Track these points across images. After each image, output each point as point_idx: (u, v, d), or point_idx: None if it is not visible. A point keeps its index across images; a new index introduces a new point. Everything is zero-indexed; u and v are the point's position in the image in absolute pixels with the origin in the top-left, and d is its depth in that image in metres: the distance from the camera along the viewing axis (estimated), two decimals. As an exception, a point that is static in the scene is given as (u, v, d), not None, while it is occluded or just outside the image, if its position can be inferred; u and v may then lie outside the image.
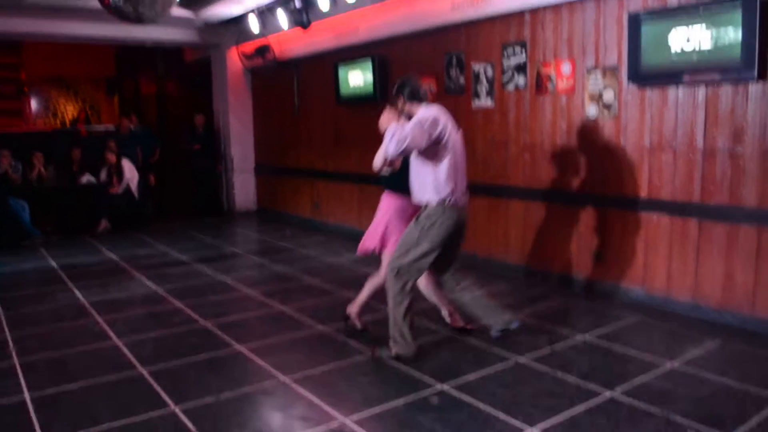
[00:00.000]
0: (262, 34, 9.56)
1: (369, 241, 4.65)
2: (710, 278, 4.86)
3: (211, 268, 7.00)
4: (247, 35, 9.92)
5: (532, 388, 3.68)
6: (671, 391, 3.63)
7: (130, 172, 9.82)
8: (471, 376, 3.86)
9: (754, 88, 4.51)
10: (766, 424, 3.22)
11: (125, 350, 4.47)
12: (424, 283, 4.60)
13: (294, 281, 6.37)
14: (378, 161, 4.44)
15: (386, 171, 4.57)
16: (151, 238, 8.99)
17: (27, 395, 3.76)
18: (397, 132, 3.94)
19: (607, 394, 3.59)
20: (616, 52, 5.35)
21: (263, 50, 9.84)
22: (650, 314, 5.04)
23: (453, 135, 4.14)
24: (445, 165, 4.09)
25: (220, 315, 5.22)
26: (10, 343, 4.68)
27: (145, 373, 4.04)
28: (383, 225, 4.61)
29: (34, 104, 16.41)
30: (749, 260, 4.62)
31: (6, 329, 5.01)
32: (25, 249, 8.36)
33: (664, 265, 5.15)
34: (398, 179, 4.47)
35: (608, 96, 5.41)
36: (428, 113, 4.12)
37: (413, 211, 4.37)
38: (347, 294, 5.74)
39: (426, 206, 4.16)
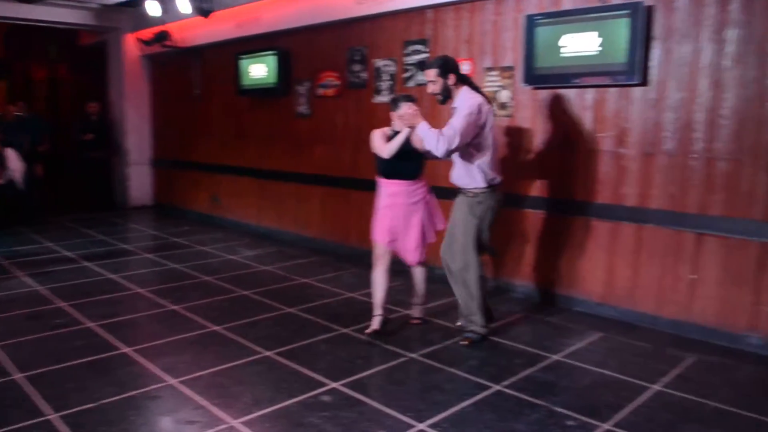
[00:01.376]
0: (161, 20, 9.20)
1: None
2: (593, 274, 5.08)
3: (101, 265, 6.67)
4: (146, 20, 9.51)
5: (421, 384, 3.72)
6: (554, 382, 3.76)
7: (14, 162, 9.19)
8: (363, 374, 3.85)
9: (637, 93, 4.73)
10: (639, 411, 3.39)
11: (0, 355, 4.18)
12: (381, 270, 4.49)
13: (188, 279, 6.17)
14: (431, 148, 4.16)
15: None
16: (36, 233, 8.48)
17: None
18: (446, 129, 4.00)
19: (495, 387, 3.67)
20: (513, 53, 5.48)
21: (162, 36, 9.46)
22: (538, 309, 5.21)
23: (491, 115, 4.22)
24: (489, 148, 4.22)
25: (107, 316, 4.98)
26: None
27: (20, 379, 3.79)
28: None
29: None
30: (629, 256, 4.85)
31: None
32: None
33: (551, 261, 5.33)
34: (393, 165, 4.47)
35: (504, 96, 5.54)
36: (473, 100, 4.14)
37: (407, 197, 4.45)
38: (243, 292, 5.63)
39: (471, 191, 4.28)
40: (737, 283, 4.34)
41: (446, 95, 4.28)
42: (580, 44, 4.87)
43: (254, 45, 8.17)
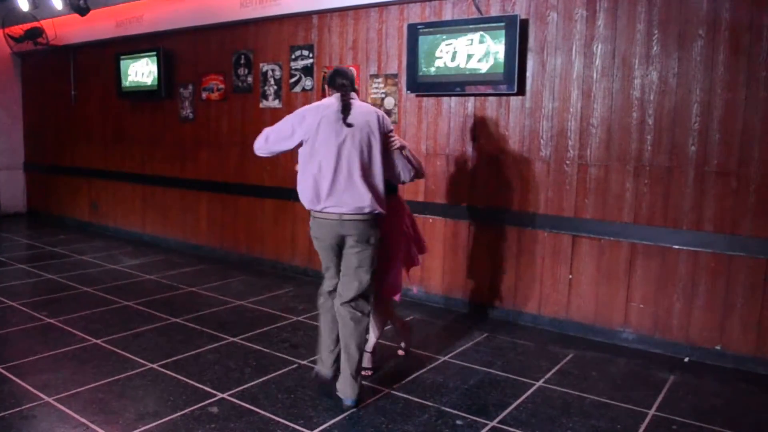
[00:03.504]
0: (33, 16, 8.67)
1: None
2: (479, 276, 5.28)
3: (-33, 277, 6.23)
4: (17, 15, 8.93)
5: (312, 391, 3.72)
6: (443, 383, 3.88)
7: None
8: (253, 383, 3.81)
9: (515, 102, 4.96)
10: (524, 407, 3.56)
11: None
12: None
13: (66, 290, 5.86)
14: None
15: None
16: None
17: None
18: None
19: (384, 390, 3.74)
20: (397, 60, 5.60)
21: (35, 33, 8.89)
22: (426, 312, 5.35)
23: (322, 138, 3.40)
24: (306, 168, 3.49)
25: (-26, 331, 4.66)
26: None
27: None
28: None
29: None
30: (511, 259, 5.08)
31: None
32: None
33: (440, 265, 5.50)
34: None
35: (389, 103, 5.65)
36: (307, 106, 3.57)
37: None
38: (126, 302, 5.42)
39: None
40: (610, 281, 4.65)
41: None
42: (460, 54, 5.05)
43: (136, 45, 7.88)
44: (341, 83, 3.53)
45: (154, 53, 7.56)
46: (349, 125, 3.41)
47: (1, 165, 10.11)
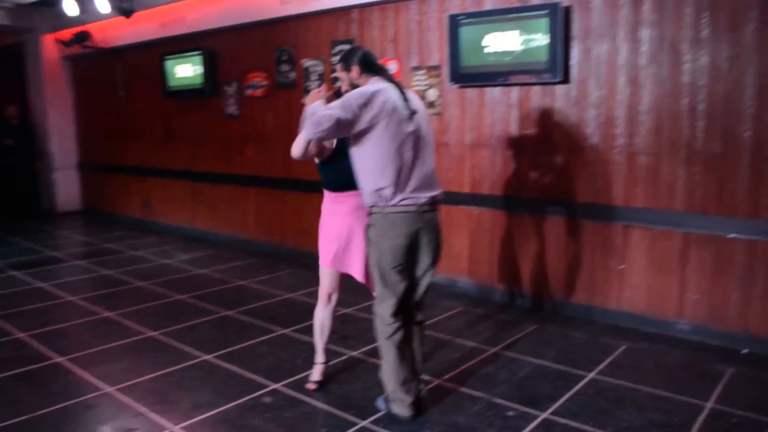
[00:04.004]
0: (81, 20, 8.92)
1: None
2: (527, 267, 5.25)
3: (28, 274, 6.46)
4: (65, 20, 9.19)
5: (363, 382, 3.77)
6: (493, 374, 3.89)
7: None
8: (305, 374, 3.87)
9: (560, 90, 4.91)
10: (576, 399, 3.54)
11: None
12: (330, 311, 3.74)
13: (122, 285, 6.04)
14: (297, 147, 3.42)
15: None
16: (-44, 243, 8.14)
17: None
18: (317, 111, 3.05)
19: (435, 381, 3.77)
20: (438, 52, 5.59)
21: (82, 37, 9.16)
22: (473, 304, 5.35)
23: (394, 122, 3.08)
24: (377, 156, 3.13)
25: (38, 325, 4.84)
26: None
27: (-54, 395, 3.67)
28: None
29: None
30: (561, 249, 5.04)
31: None
32: None
33: (486, 256, 5.49)
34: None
35: (432, 94, 5.65)
36: (370, 87, 3.15)
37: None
38: (179, 296, 5.56)
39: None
40: (663, 271, 4.56)
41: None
42: (502, 43, 5.02)
43: (180, 45, 8.04)
44: (380, 67, 3.30)
45: (199, 53, 7.70)
46: (414, 112, 3.19)
47: (57, 165, 10.44)
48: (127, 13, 7.95)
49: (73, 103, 10.57)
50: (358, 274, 3.59)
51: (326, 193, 3.70)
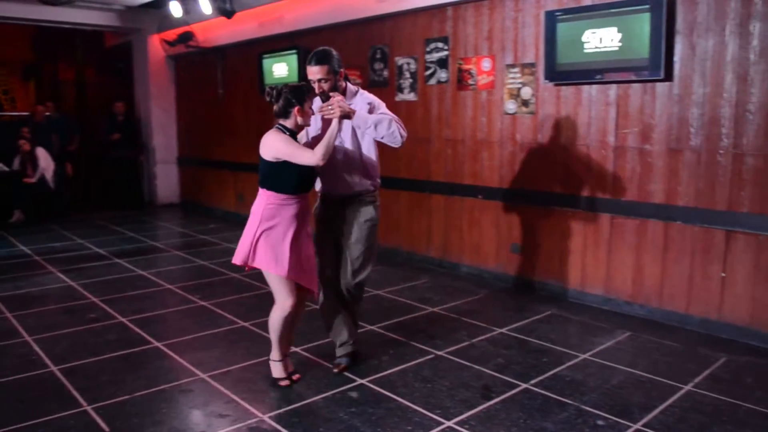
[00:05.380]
0: (185, 21, 9.32)
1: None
2: (620, 272, 5.07)
3: (131, 262, 6.81)
4: (170, 21, 9.63)
5: (449, 382, 3.75)
6: (583, 381, 3.77)
7: (45, 161, 9.42)
8: (390, 371, 3.89)
9: (661, 88, 4.71)
10: (670, 412, 3.38)
11: (36, 348, 4.30)
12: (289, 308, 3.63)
13: (216, 276, 6.27)
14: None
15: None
16: (67, 230, 8.66)
17: (-73, 399, 3.60)
18: (389, 114, 3.64)
19: (522, 385, 3.69)
20: (534, 49, 5.48)
21: (186, 37, 9.59)
22: (565, 307, 5.21)
23: None
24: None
25: (138, 311, 5.09)
26: None
27: (56, 371, 3.90)
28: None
29: (-61, 89, 15.54)
30: (657, 254, 4.84)
31: None
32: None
33: (579, 259, 5.34)
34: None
35: (526, 93, 5.55)
36: (367, 93, 3.88)
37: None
38: (268, 289, 5.66)
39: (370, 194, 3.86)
40: (768, 280, 4.30)
41: (327, 97, 3.62)
42: (601, 40, 4.86)
43: (276, 44, 8.24)
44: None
45: (295, 51, 7.87)
46: None
47: (159, 160, 10.96)
48: (229, 13, 8.23)
49: (175, 100, 11.05)
50: (314, 285, 3.71)
51: (279, 197, 3.58)
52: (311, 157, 3.41)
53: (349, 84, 3.81)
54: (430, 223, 6.56)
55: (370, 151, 3.78)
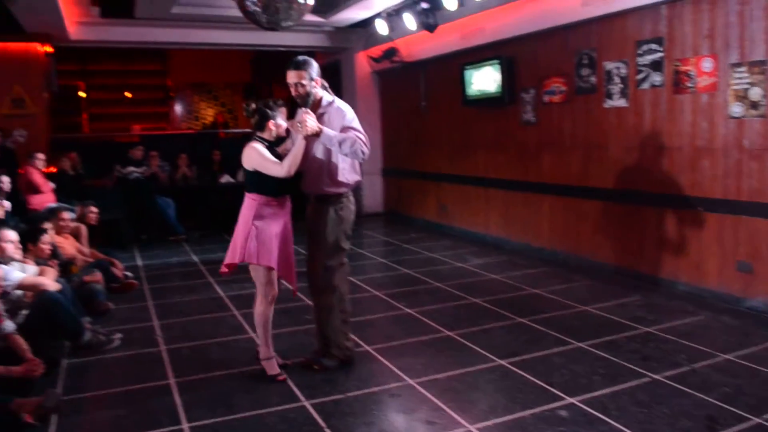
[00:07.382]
0: (389, 38, 9.70)
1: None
2: None
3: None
4: (375, 38, 10.10)
5: (668, 409, 3.49)
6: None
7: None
8: (602, 392, 3.72)
9: None
10: None
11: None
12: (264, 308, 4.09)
13: (420, 284, 6.42)
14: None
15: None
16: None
17: (172, 379, 4.10)
18: (355, 129, 4.04)
19: (754, 420, 3.34)
20: (764, 45, 4.96)
21: (391, 53, 9.99)
22: (711, 309, 4.90)
23: None
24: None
25: (351, 314, 5.33)
26: (158, 331, 5.10)
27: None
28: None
29: (178, 108, 17.68)
30: None
31: (155, 318, 5.47)
32: (172, 244, 9.05)
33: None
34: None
35: (755, 94, 5.03)
36: (342, 102, 4.18)
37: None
38: (474, 299, 5.72)
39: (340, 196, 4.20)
40: None
41: (303, 100, 3.97)
42: None
43: (477, 55, 8.28)
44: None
45: (497, 61, 7.85)
46: None
47: (365, 171, 11.44)
48: (432, 27, 8.42)
49: (379, 113, 11.54)
50: (293, 279, 4.20)
51: (264, 199, 3.96)
52: (280, 170, 3.84)
53: (325, 93, 4.12)
54: (642, 237, 6.18)
55: (338, 160, 4.09)
